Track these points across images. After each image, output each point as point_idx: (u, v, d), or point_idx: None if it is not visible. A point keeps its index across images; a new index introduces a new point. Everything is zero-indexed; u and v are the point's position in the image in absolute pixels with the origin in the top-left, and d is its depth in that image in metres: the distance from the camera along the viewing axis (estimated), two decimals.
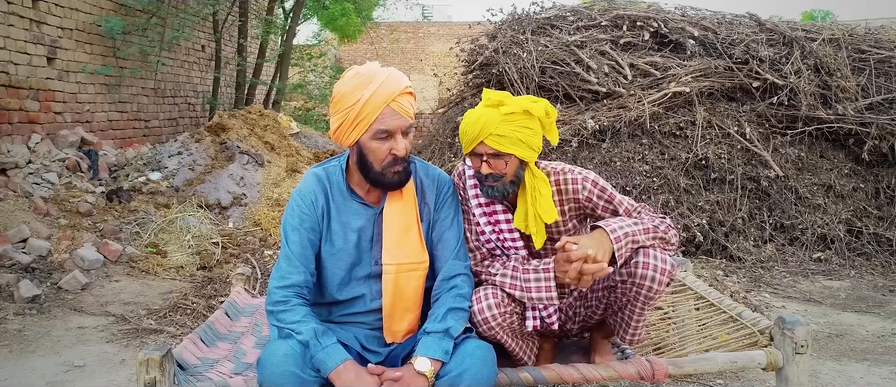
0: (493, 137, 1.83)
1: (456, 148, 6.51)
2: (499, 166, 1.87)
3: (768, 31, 6.12)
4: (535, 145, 1.88)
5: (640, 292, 1.87)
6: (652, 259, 1.83)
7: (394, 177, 1.81)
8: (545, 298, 1.87)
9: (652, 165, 5.47)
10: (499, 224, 2.00)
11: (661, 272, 1.83)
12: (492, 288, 1.92)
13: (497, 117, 1.83)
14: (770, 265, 4.94)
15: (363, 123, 1.75)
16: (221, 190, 6.02)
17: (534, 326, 1.99)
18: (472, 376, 1.70)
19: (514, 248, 1.99)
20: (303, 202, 1.87)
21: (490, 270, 1.98)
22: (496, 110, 1.85)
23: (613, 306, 2.01)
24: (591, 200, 1.97)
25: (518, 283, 1.90)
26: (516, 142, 1.84)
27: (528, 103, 1.85)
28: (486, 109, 1.87)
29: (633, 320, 1.96)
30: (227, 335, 2.41)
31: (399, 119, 1.76)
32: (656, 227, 1.87)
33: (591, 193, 1.96)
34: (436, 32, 20.45)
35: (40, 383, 2.82)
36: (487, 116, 1.84)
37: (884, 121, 5.53)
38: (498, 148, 1.84)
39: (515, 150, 1.84)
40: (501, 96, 1.87)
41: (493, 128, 1.83)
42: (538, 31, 6.51)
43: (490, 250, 2.05)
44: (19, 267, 4.01)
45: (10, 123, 5.61)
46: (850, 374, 3.00)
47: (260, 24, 10.72)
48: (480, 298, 1.90)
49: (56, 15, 6.26)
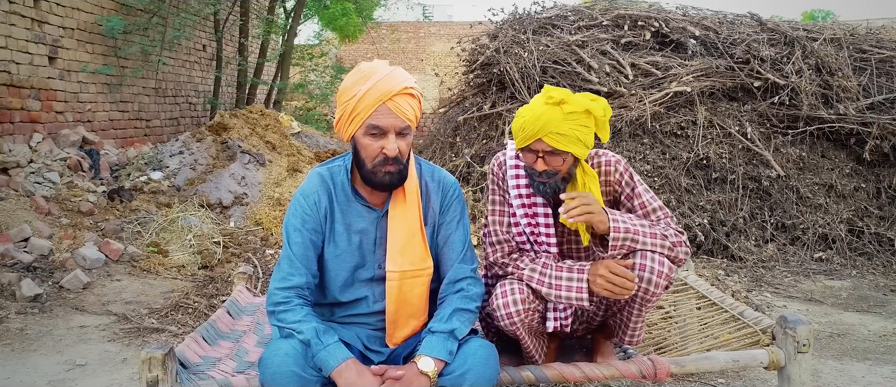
0: (552, 134, 1.81)
1: (457, 148, 6.51)
2: (555, 164, 1.86)
3: (769, 31, 6.12)
4: (590, 143, 1.87)
5: (636, 294, 1.86)
6: (649, 261, 1.83)
7: (385, 177, 1.77)
8: (575, 298, 1.85)
9: (653, 164, 5.47)
10: (537, 218, 1.98)
11: (658, 275, 1.82)
12: (518, 283, 1.90)
13: (559, 116, 1.81)
14: (771, 265, 4.94)
15: (358, 118, 1.74)
16: (223, 189, 6.02)
17: (554, 327, 1.98)
18: (475, 375, 1.69)
19: (546, 244, 1.98)
20: (305, 203, 1.85)
21: (518, 263, 1.96)
22: (558, 109, 1.82)
23: (613, 308, 2.01)
24: (621, 185, 1.98)
25: (546, 279, 1.88)
26: (574, 141, 1.82)
27: (589, 103, 1.83)
28: (547, 107, 1.83)
29: (631, 321, 1.97)
30: (228, 334, 2.41)
31: (393, 118, 1.73)
32: (665, 236, 1.86)
33: (622, 175, 1.98)
34: (437, 32, 20.43)
35: (42, 381, 2.82)
36: (549, 115, 1.81)
37: (885, 121, 5.52)
38: (556, 146, 1.82)
39: (573, 148, 1.83)
40: (564, 94, 1.84)
41: (554, 126, 1.80)
42: (539, 30, 6.51)
43: (519, 244, 2.02)
44: (21, 266, 4.01)
45: (11, 123, 5.62)
46: (851, 373, 3.00)
47: (261, 23, 10.73)
48: (506, 292, 1.88)
49: (57, 14, 6.27)
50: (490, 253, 2.04)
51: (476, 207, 5.43)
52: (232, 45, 10.37)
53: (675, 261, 1.88)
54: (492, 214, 2.05)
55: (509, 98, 6.16)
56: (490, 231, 2.04)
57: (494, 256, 2.02)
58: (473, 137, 6.38)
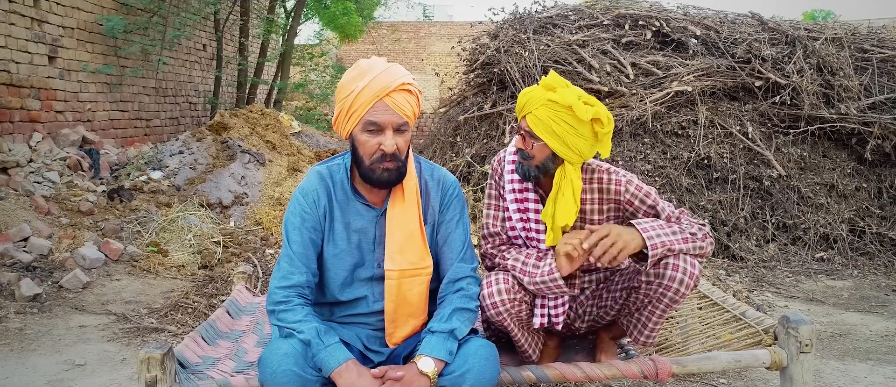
0: (531, 115, 1.83)
1: (457, 148, 6.50)
2: (527, 146, 1.86)
3: (771, 31, 6.11)
4: (574, 146, 1.81)
5: (666, 294, 1.85)
6: (682, 262, 1.82)
7: (383, 174, 1.77)
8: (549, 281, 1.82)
9: (654, 164, 5.46)
10: (527, 212, 1.98)
11: (690, 277, 1.82)
12: (503, 274, 1.90)
13: (540, 99, 1.82)
14: (772, 265, 4.93)
15: (355, 114, 1.74)
16: (223, 189, 6.01)
17: (540, 323, 1.97)
18: (475, 375, 1.68)
19: (537, 239, 1.98)
20: (304, 201, 1.85)
21: (505, 255, 1.97)
22: (543, 92, 1.83)
23: (631, 307, 1.99)
24: (632, 204, 1.95)
25: (526, 268, 1.88)
26: (550, 131, 1.81)
27: (574, 100, 1.77)
28: (536, 88, 1.86)
29: (652, 321, 1.95)
30: (228, 334, 2.40)
31: (390, 114, 1.72)
32: (694, 236, 1.85)
33: (634, 196, 1.94)
34: (437, 32, 20.43)
35: (41, 381, 2.81)
36: (534, 94, 1.84)
37: (886, 120, 5.51)
38: (532, 128, 1.83)
39: (547, 138, 1.82)
40: (559, 82, 1.83)
41: (533, 107, 1.82)
42: (540, 30, 6.50)
43: (512, 238, 2.03)
44: (20, 266, 4.01)
45: (11, 122, 5.61)
46: (853, 373, 2.99)
47: (261, 23, 10.73)
48: (491, 282, 1.88)
49: (57, 14, 6.26)
50: (483, 245, 2.07)
51: (476, 206, 5.42)
52: (232, 45, 10.37)
53: (705, 255, 1.89)
54: (487, 207, 2.08)
55: (510, 98, 6.15)
56: (484, 224, 2.07)
57: (485, 247, 2.06)
58: (474, 136, 6.37)
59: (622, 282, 2.03)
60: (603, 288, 2.10)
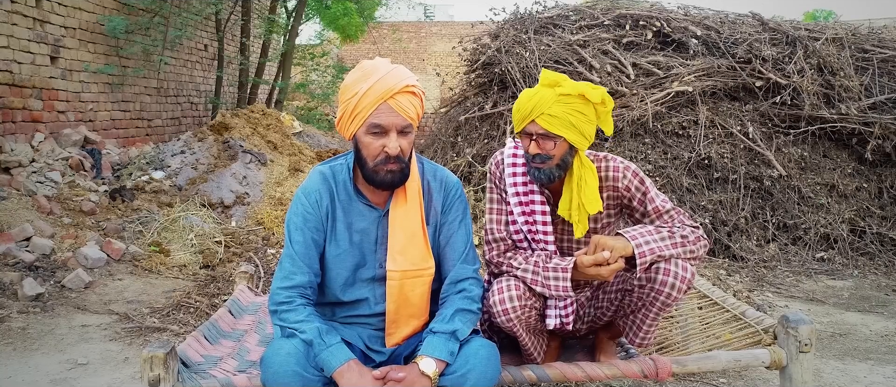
0: (544, 116, 1.81)
1: (458, 147, 6.51)
2: (547, 147, 1.84)
3: (771, 31, 6.11)
4: (587, 133, 1.85)
5: (658, 298, 1.86)
6: (673, 266, 1.82)
7: (386, 175, 1.77)
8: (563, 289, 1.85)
9: (655, 164, 5.47)
10: (534, 215, 1.97)
11: (682, 281, 1.82)
12: (514, 280, 1.90)
13: (551, 97, 1.81)
14: (773, 265, 4.94)
15: (359, 116, 1.74)
16: (224, 189, 6.02)
17: (555, 324, 1.98)
18: (476, 375, 1.69)
19: (544, 242, 1.97)
20: (307, 201, 1.85)
21: (512, 262, 1.95)
22: (552, 90, 1.82)
23: (626, 309, 2.00)
24: (630, 191, 1.96)
25: (539, 279, 1.88)
26: (567, 125, 1.81)
27: (586, 88, 1.81)
28: (541, 88, 1.84)
29: (646, 324, 1.96)
30: (230, 333, 2.41)
31: (394, 116, 1.72)
32: (685, 239, 1.84)
33: (631, 182, 1.95)
34: (438, 32, 20.42)
35: (44, 380, 2.82)
36: (542, 95, 1.82)
37: (887, 120, 5.51)
38: (548, 128, 1.81)
39: (566, 133, 1.82)
40: (558, 77, 1.84)
41: (546, 107, 1.81)
42: (540, 30, 6.50)
43: (516, 242, 2.02)
44: (23, 265, 4.02)
45: (13, 122, 5.62)
46: (853, 373, 2.99)
47: (262, 23, 10.73)
48: (502, 289, 1.88)
49: (59, 14, 6.27)
50: (487, 251, 2.05)
51: (477, 206, 5.43)
52: (233, 45, 10.37)
53: (698, 258, 1.89)
54: (489, 212, 2.06)
55: (511, 98, 6.15)
56: (487, 230, 2.05)
57: (490, 254, 2.04)
58: (475, 136, 6.38)
59: (616, 283, 2.03)
60: (599, 290, 2.11)
